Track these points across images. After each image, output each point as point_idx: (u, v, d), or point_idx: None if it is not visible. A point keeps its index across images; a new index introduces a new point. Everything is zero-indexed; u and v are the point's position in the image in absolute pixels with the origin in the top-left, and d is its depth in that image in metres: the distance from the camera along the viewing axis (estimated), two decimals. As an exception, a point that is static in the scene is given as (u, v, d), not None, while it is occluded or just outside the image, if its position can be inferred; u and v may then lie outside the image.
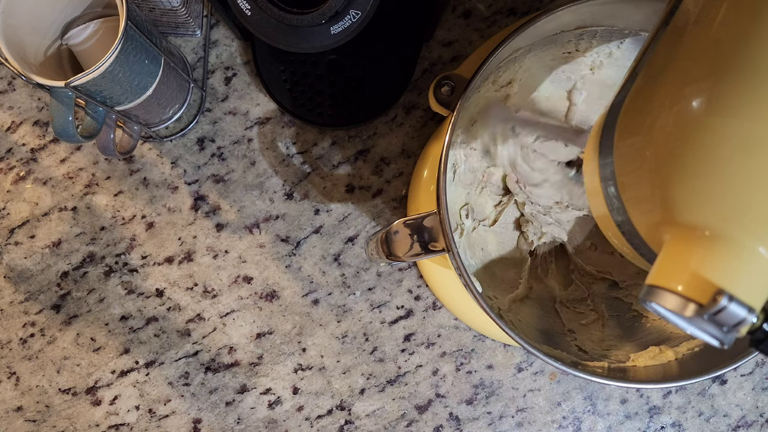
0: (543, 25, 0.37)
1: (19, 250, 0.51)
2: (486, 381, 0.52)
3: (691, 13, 0.26)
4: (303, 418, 0.52)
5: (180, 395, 0.51)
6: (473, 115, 0.44)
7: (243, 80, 0.52)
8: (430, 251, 0.36)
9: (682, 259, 0.23)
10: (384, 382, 0.52)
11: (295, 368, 0.52)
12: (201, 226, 0.51)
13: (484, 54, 0.37)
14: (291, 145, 0.52)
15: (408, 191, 0.52)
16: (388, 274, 0.52)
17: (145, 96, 0.44)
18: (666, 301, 0.23)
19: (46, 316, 0.51)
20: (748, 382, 0.53)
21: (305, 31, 0.39)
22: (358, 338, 0.52)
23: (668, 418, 0.53)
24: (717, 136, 0.23)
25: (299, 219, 0.52)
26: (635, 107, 0.27)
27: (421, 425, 0.52)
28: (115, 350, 0.51)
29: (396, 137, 0.52)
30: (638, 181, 0.26)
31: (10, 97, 0.52)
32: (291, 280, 0.52)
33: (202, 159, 0.52)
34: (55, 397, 0.51)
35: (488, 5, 0.52)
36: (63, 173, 0.51)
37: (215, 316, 0.51)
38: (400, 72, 0.51)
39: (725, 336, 0.22)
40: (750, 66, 0.23)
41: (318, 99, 0.50)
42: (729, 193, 0.23)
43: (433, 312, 0.52)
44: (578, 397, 0.52)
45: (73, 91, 0.38)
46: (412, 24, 0.50)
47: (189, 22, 0.49)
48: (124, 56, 0.39)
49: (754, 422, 0.53)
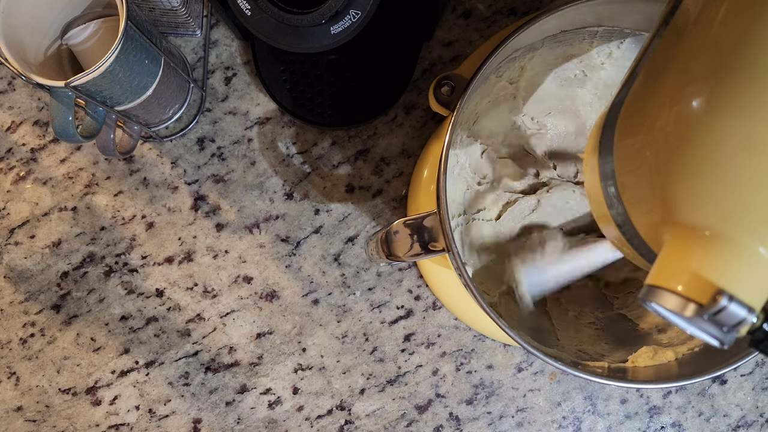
0: (543, 25, 0.37)
1: (19, 250, 0.51)
2: (486, 381, 0.52)
3: (691, 13, 0.26)
4: (303, 418, 0.52)
5: (180, 395, 0.51)
6: (476, 113, 0.44)
7: (243, 80, 0.52)
8: (430, 251, 0.36)
9: (682, 259, 0.23)
10: (384, 382, 0.52)
11: (295, 368, 0.52)
12: (201, 226, 0.51)
13: (484, 54, 0.37)
14: (291, 145, 0.52)
15: (408, 191, 0.52)
16: (388, 274, 0.52)
17: (145, 96, 0.44)
18: (666, 301, 0.23)
19: (46, 316, 0.51)
20: (748, 382, 0.53)
21: (305, 31, 0.39)
22: (358, 338, 0.52)
23: (668, 418, 0.53)
24: (717, 136, 0.23)
25: (299, 219, 0.52)
26: (635, 107, 0.27)
27: (421, 425, 0.52)
28: (115, 350, 0.51)
29: (396, 137, 0.52)
30: (638, 181, 0.26)
31: (10, 97, 0.52)
32: (291, 280, 0.52)
33: (202, 159, 0.52)
34: (55, 397, 0.51)
35: (488, 5, 0.52)
36: (63, 173, 0.51)
37: (215, 316, 0.51)
38: (400, 72, 0.51)
39: (725, 336, 0.22)
40: (750, 66, 0.23)
41: (318, 99, 0.50)
42: (729, 193, 0.23)
43: (433, 312, 0.52)
44: (578, 397, 0.52)
45: (73, 91, 0.38)
46: (412, 24, 0.50)
47: (189, 22, 0.49)
48: (124, 56, 0.39)
49: (754, 422, 0.53)
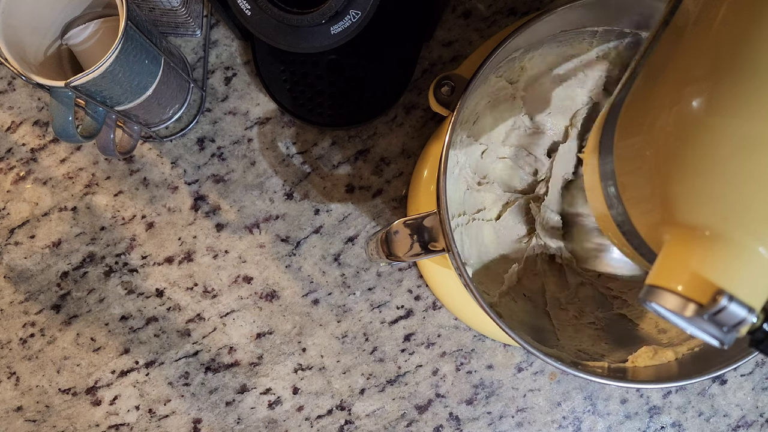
0: (543, 25, 0.37)
1: (19, 250, 0.51)
2: (486, 381, 0.52)
3: (691, 13, 0.26)
4: (303, 418, 0.52)
5: (180, 395, 0.51)
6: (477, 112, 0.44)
7: (243, 80, 0.52)
8: (430, 251, 0.36)
9: (682, 259, 0.23)
10: (384, 382, 0.52)
11: (295, 368, 0.52)
12: (201, 226, 0.51)
13: (484, 54, 0.37)
14: (291, 145, 0.52)
15: (408, 191, 0.52)
16: (388, 274, 0.52)
17: (145, 96, 0.44)
18: (666, 301, 0.23)
19: (46, 316, 0.51)
20: (748, 382, 0.53)
21: (305, 31, 0.39)
22: (358, 338, 0.52)
23: (668, 418, 0.53)
24: (717, 136, 0.23)
25: (299, 219, 0.52)
26: (635, 107, 0.27)
27: (421, 425, 0.52)
28: (115, 350, 0.51)
29: (396, 137, 0.52)
30: (638, 181, 0.26)
31: (10, 97, 0.51)
32: (291, 280, 0.52)
33: (202, 159, 0.52)
34: (55, 397, 0.51)
35: (488, 5, 0.52)
36: (63, 173, 0.51)
37: (215, 316, 0.51)
38: (400, 72, 0.51)
39: (725, 336, 0.22)
40: (750, 66, 0.23)
41: (318, 99, 0.50)
42: (729, 193, 0.23)
43: (433, 312, 0.52)
44: (578, 397, 0.52)
45: (73, 91, 0.38)
46: (412, 24, 0.50)
47: (189, 22, 0.49)
48: (124, 56, 0.39)
49: (754, 422, 0.53)
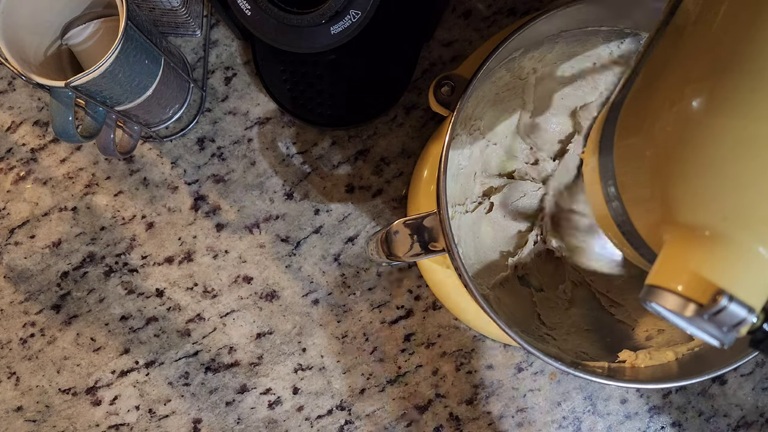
0: (543, 25, 0.37)
1: (19, 250, 0.51)
2: (486, 381, 0.52)
3: (691, 13, 0.26)
4: (303, 418, 0.52)
5: (180, 395, 0.51)
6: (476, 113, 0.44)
7: (243, 80, 0.52)
8: (430, 251, 0.36)
9: (682, 259, 0.23)
10: (384, 382, 0.52)
11: (295, 368, 0.52)
12: (201, 226, 0.51)
13: (484, 54, 0.37)
14: (291, 145, 0.52)
15: (408, 191, 0.52)
16: (388, 274, 0.52)
17: (145, 96, 0.44)
18: (666, 301, 0.23)
19: (46, 316, 0.51)
20: (748, 382, 0.53)
21: (305, 31, 0.39)
22: (358, 338, 0.52)
23: (668, 418, 0.53)
24: (717, 136, 0.23)
25: (299, 219, 0.52)
26: (635, 107, 0.27)
27: (421, 425, 0.52)
28: (115, 350, 0.51)
29: (396, 137, 0.52)
30: (638, 181, 0.26)
31: (10, 97, 0.51)
32: (291, 280, 0.52)
33: (202, 159, 0.52)
34: (55, 397, 0.51)
35: (488, 5, 0.52)
36: (63, 173, 0.51)
37: (215, 316, 0.51)
38: (400, 72, 0.51)
39: (725, 336, 0.22)
40: (750, 66, 0.23)
41: (318, 99, 0.50)
42: (729, 193, 0.23)
43: (433, 312, 0.52)
44: (578, 397, 0.52)
45: (73, 91, 0.38)
46: (412, 24, 0.50)
47: (189, 22, 0.49)
48: (124, 56, 0.39)
49: (754, 422, 0.53)
